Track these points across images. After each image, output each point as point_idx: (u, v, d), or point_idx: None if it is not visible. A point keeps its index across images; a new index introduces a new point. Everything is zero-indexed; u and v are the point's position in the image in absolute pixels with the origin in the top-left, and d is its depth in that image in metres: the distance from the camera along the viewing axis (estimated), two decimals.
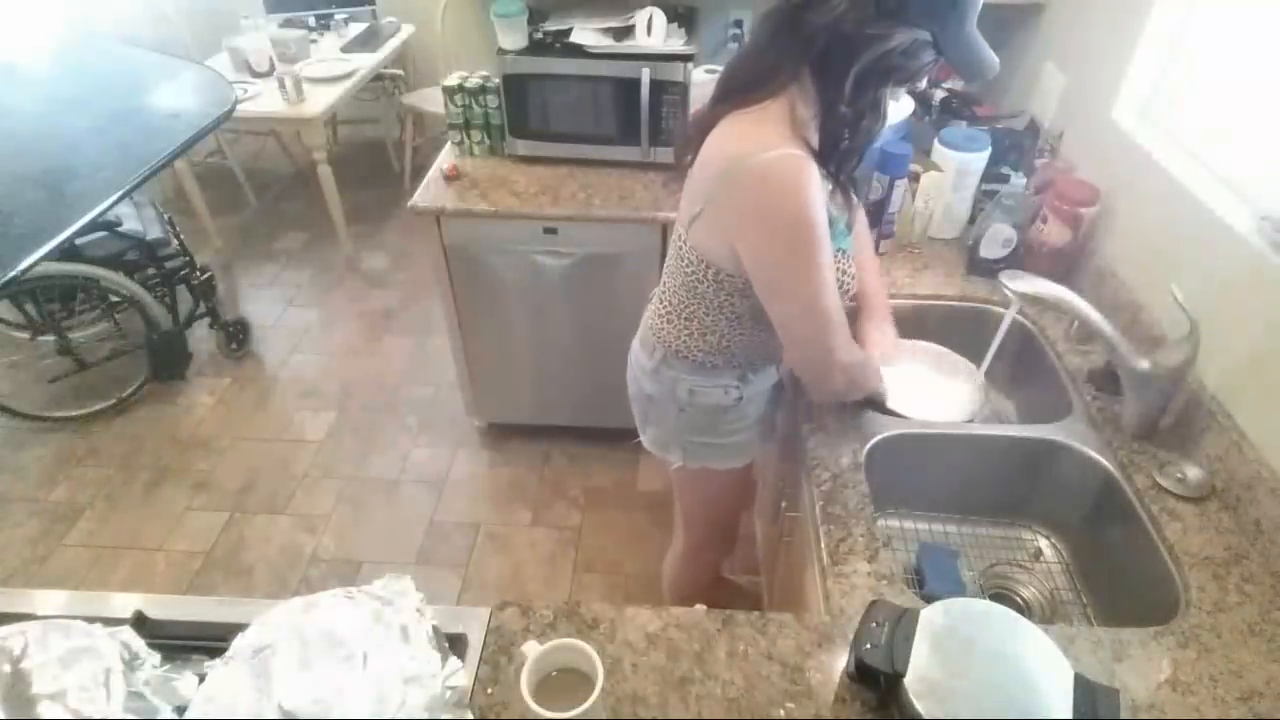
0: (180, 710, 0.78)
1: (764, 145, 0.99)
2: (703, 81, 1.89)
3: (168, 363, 2.74)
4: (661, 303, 1.27)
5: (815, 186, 0.99)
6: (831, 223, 1.07)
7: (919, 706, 0.75)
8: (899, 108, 1.55)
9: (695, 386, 1.27)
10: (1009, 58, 0.96)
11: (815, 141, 1.01)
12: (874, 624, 0.83)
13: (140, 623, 0.91)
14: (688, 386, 1.28)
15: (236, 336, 2.92)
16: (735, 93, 1.05)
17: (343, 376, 2.87)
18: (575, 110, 2.00)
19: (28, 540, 2.26)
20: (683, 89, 1.91)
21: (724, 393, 1.27)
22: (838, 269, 1.12)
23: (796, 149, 0.98)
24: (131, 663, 0.80)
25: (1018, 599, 1.23)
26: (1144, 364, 1.18)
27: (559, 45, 1.95)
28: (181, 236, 2.75)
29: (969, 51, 0.97)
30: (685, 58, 1.90)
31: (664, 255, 1.98)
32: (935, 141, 1.67)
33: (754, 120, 1.02)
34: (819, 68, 0.97)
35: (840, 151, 1.02)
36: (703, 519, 1.57)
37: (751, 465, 1.45)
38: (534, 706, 0.77)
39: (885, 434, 1.26)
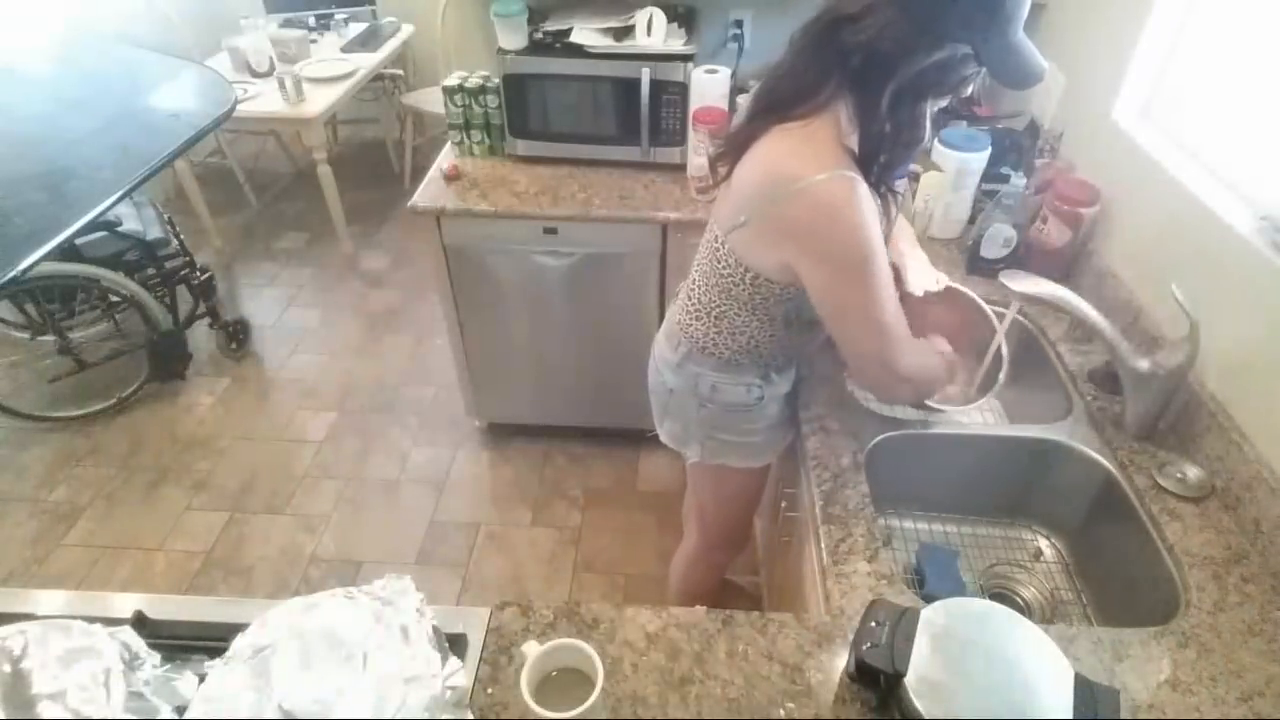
0: (180, 710, 0.78)
1: (815, 166, 0.98)
2: (703, 82, 1.89)
3: (167, 363, 2.74)
4: (690, 299, 1.27)
5: (867, 206, 0.99)
6: None
7: (919, 706, 0.75)
8: None
9: (718, 383, 1.28)
10: None
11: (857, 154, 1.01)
12: (874, 624, 0.83)
13: (140, 623, 0.91)
14: (710, 382, 1.29)
15: (236, 336, 2.92)
16: (776, 108, 1.04)
17: (343, 376, 2.87)
18: (575, 110, 2.00)
19: (28, 540, 2.26)
20: (683, 89, 1.91)
21: (746, 390, 1.28)
22: None
23: (847, 169, 0.98)
24: (131, 663, 0.80)
25: (1018, 599, 1.24)
26: (1144, 364, 1.18)
27: (559, 45, 1.95)
28: (181, 236, 2.75)
29: (1013, 61, 0.94)
30: (685, 58, 1.90)
31: (664, 255, 2.00)
32: (935, 141, 1.67)
33: (803, 137, 1.01)
34: (856, 84, 0.96)
35: (880, 165, 1.01)
36: (718, 518, 1.57)
37: (769, 467, 1.45)
38: (534, 706, 0.77)
39: (885, 434, 1.26)
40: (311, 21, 3.57)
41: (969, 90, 1.00)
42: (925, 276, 1.33)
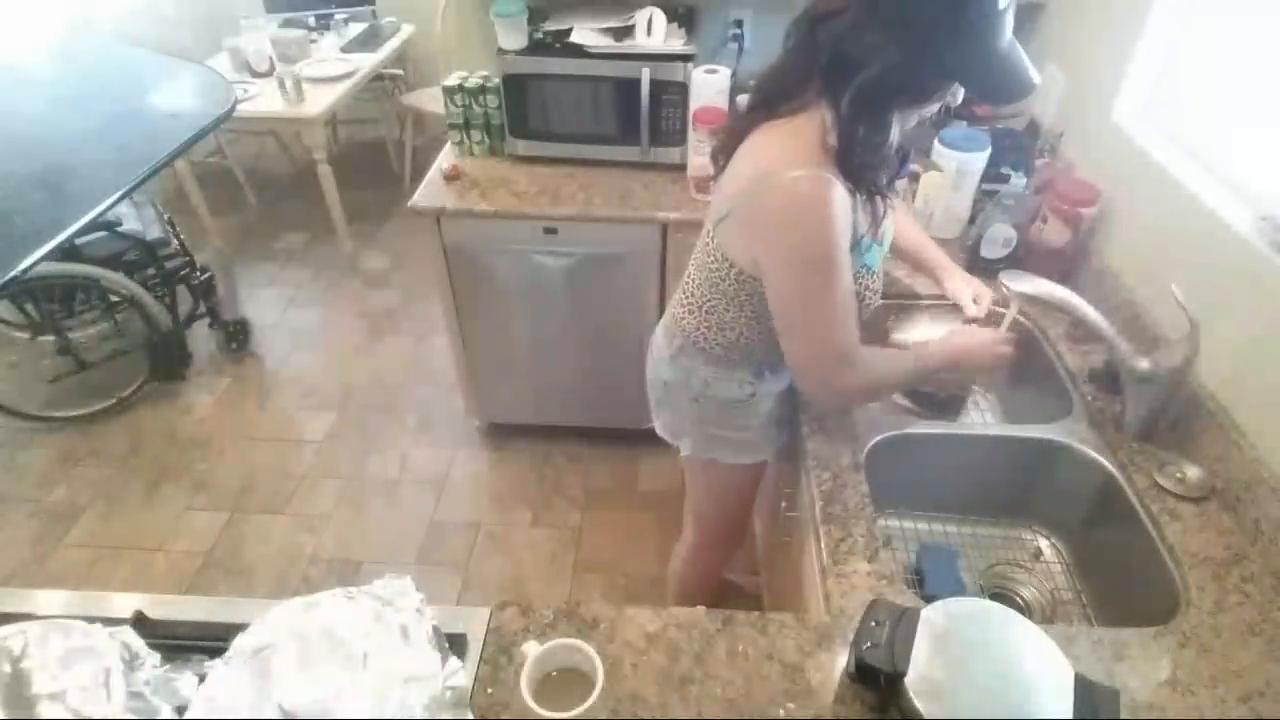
0: (180, 710, 0.78)
1: (793, 163, 0.98)
2: (702, 81, 1.89)
3: (167, 363, 2.74)
4: (685, 294, 1.28)
5: (838, 210, 0.98)
6: (858, 240, 1.07)
7: (919, 706, 0.75)
8: None
9: (710, 378, 1.29)
10: None
11: None
12: (874, 623, 0.83)
13: (140, 623, 0.91)
14: (703, 377, 1.29)
15: (236, 336, 2.92)
16: (767, 103, 1.05)
17: (343, 376, 2.87)
18: (575, 110, 2.00)
19: (28, 540, 2.26)
20: (683, 89, 1.91)
21: (738, 387, 1.29)
22: (861, 285, 1.12)
23: (824, 169, 0.98)
24: (131, 663, 0.80)
25: (1018, 599, 1.24)
26: (1144, 364, 1.18)
27: (559, 45, 1.95)
28: (181, 236, 2.75)
29: (991, 77, 0.92)
30: (685, 58, 1.90)
31: (664, 255, 2.00)
32: (935, 141, 1.67)
33: (787, 134, 1.02)
34: (827, 82, 0.97)
35: (856, 166, 1.00)
36: (712, 514, 1.57)
37: (764, 465, 1.45)
38: (534, 706, 0.77)
39: (885, 434, 1.26)
40: (311, 21, 3.58)
41: (937, 104, 0.99)
42: (963, 286, 1.35)
